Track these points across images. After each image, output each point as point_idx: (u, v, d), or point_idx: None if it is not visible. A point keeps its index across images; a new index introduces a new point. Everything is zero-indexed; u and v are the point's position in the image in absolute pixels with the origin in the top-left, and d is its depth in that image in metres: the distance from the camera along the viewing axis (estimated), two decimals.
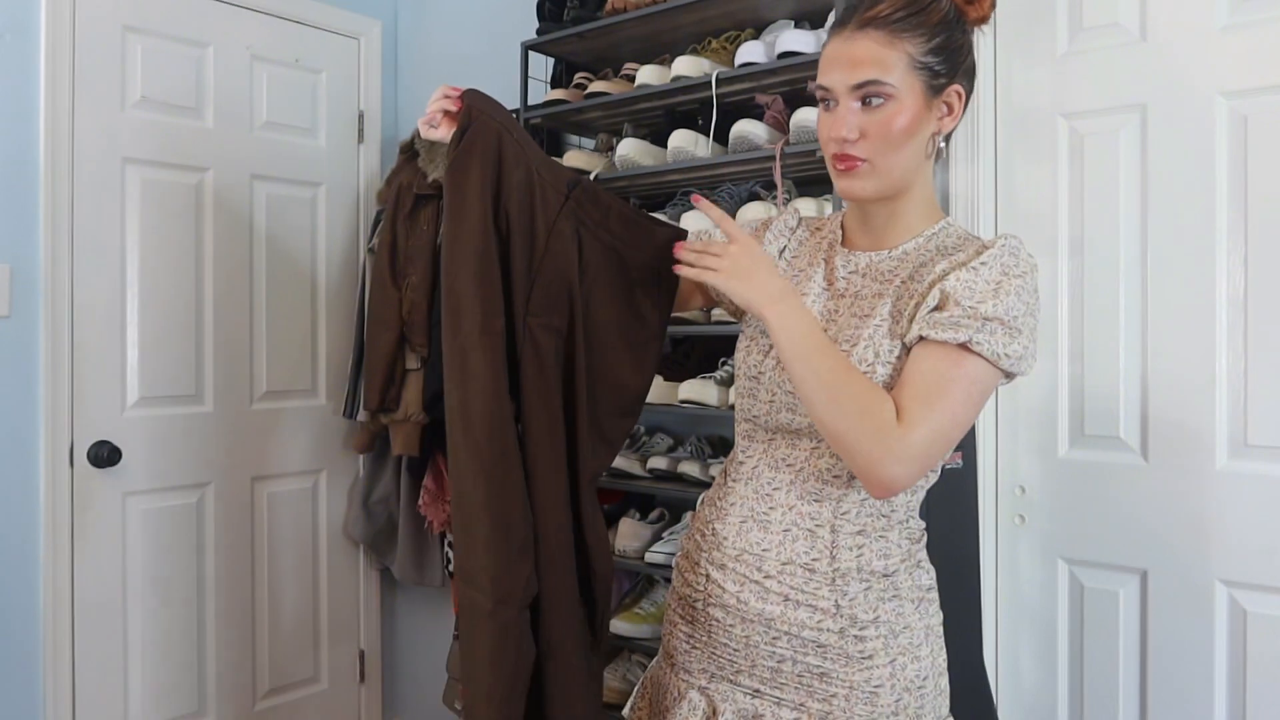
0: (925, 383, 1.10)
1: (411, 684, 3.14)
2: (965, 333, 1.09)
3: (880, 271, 1.24)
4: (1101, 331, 1.93)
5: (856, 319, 1.21)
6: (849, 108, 1.17)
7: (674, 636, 1.35)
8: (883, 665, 1.20)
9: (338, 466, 3.02)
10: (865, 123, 1.16)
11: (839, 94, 1.17)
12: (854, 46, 1.16)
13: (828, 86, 1.19)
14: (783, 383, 1.25)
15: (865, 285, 1.24)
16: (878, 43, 1.15)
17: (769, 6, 2.12)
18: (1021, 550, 2.03)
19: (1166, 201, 1.85)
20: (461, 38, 3.01)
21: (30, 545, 2.37)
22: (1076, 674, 1.96)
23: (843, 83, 1.16)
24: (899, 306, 1.18)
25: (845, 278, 1.26)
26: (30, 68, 2.37)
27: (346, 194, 3.05)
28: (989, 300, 1.10)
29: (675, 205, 2.19)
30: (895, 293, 1.20)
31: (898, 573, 1.23)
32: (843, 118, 1.17)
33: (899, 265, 1.23)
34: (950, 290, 1.12)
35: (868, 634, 1.21)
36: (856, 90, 1.16)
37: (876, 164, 1.18)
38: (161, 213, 2.60)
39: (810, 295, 1.27)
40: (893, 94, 1.15)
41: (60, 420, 2.40)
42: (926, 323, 1.12)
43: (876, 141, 1.16)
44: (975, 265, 1.13)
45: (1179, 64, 1.84)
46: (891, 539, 1.24)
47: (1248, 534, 1.76)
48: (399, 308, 2.65)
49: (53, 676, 2.40)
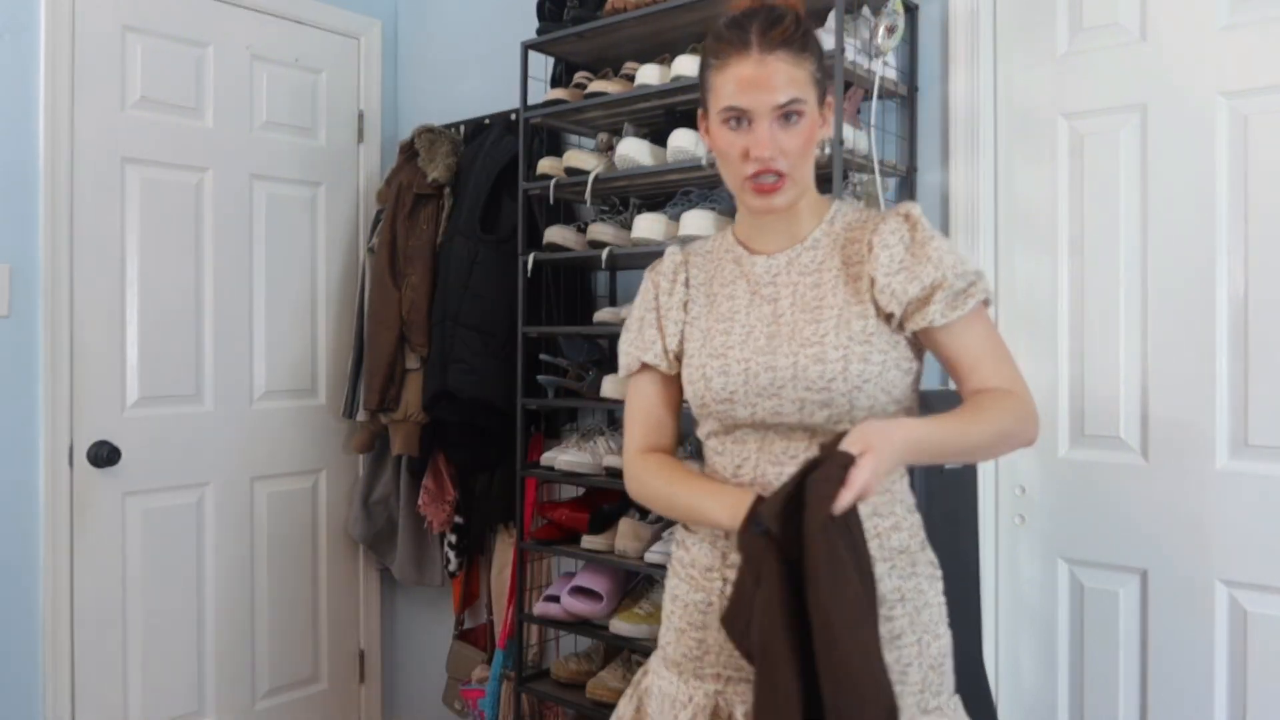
0: (987, 350, 1.24)
1: (411, 684, 3.14)
2: (972, 300, 1.22)
3: (804, 264, 1.31)
4: (1101, 331, 1.93)
5: (808, 312, 1.27)
6: (770, 127, 1.22)
7: (682, 644, 1.34)
8: (910, 644, 1.24)
9: (337, 466, 3.02)
10: (785, 140, 1.22)
11: (759, 115, 1.21)
12: (769, 67, 1.20)
13: (746, 107, 1.22)
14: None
15: (798, 280, 1.30)
16: (789, 63, 1.21)
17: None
18: (1021, 550, 2.03)
19: (1166, 201, 1.85)
20: (461, 38, 3.01)
21: (30, 545, 2.37)
22: (1076, 674, 1.96)
23: (765, 103, 1.21)
24: (855, 287, 1.26)
25: (771, 281, 1.31)
26: (30, 68, 2.37)
27: (346, 194, 3.05)
28: (948, 263, 1.23)
29: (675, 205, 2.19)
30: (837, 278, 1.27)
31: (913, 549, 1.28)
32: (764, 137, 1.21)
33: (819, 253, 1.30)
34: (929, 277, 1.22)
35: (895, 613, 1.24)
36: (779, 109, 1.21)
37: (795, 177, 1.25)
38: (161, 213, 2.60)
39: (739, 307, 1.32)
40: (805, 110, 1.23)
41: (60, 420, 2.40)
42: (939, 312, 1.21)
43: (794, 156, 1.23)
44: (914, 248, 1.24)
45: (1179, 64, 1.84)
46: (899, 514, 1.28)
47: (1248, 534, 1.76)
48: (399, 307, 2.65)
49: (52, 676, 2.40)
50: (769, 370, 1.26)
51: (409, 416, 2.66)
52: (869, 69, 1.97)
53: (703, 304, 1.37)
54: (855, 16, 1.98)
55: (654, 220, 2.15)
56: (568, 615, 2.30)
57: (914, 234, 1.25)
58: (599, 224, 2.32)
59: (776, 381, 1.25)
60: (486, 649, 2.80)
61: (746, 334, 1.29)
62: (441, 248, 2.63)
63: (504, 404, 2.50)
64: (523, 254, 2.42)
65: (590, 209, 2.55)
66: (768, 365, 1.26)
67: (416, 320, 2.62)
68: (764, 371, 1.26)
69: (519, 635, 2.47)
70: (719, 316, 1.33)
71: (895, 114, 2.12)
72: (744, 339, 1.29)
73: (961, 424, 1.19)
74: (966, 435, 1.19)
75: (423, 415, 2.63)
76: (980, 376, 1.24)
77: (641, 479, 1.38)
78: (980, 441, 1.20)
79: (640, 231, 2.15)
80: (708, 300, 1.36)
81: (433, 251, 2.65)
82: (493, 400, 2.51)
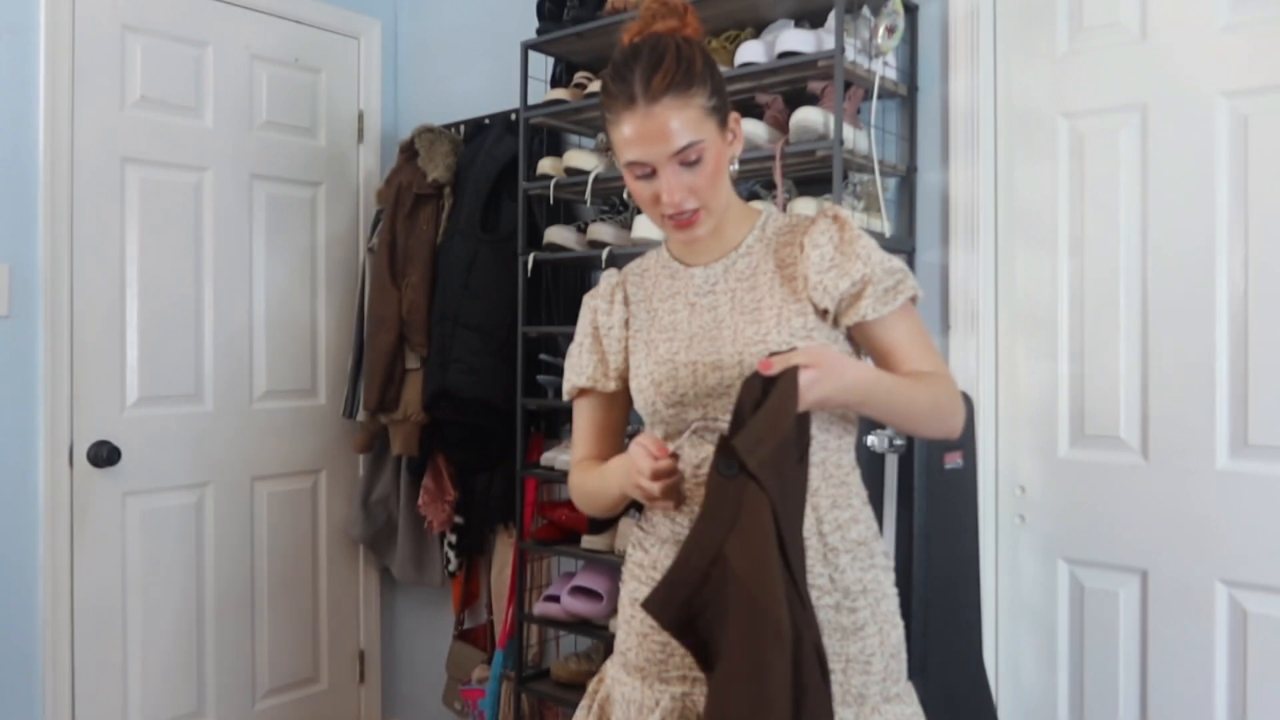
0: (918, 343, 1.30)
1: (411, 684, 3.14)
2: (902, 296, 1.27)
3: (739, 270, 1.34)
4: (1101, 331, 1.93)
5: (748, 314, 1.30)
6: (673, 172, 1.24)
7: (645, 648, 1.33)
8: (873, 635, 1.27)
9: (337, 466, 3.02)
10: (690, 181, 1.25)
11: (659, 163, 1.24)
12: (657, 119, 1.22)
13: (646, 160, 1.24)
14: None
15: (735, 285, 1.33)
16: (675, 108, 1.22)
17: (769, 6, 2.11)
18: (1021, 550, 2.03)
19: (1166, 201, 1.85)
20: (461, 37, 3.01)
21: (30, 545, 2.37)
22: (1076, 674, 1.96)
23: (662, 154, 1.23)
24: (791, 287, 1.30)
25: (709, 290, 1.35)
26: (30, 68, 2.37)
27: (346, 194, 3.05)
28: (875, 260, 1.27)
29: None
30: (773, 280, 1.31)
31: (869, 540, 1.31)
32: (672, 184, 1.24)
33: (754, 258, 1.34)
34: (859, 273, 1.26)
35: (858, 604, 1.27)
36: (677, 156, 1.23)
37: (710, 207, 1.28)
38: (161, 213, 2.60)
39: (681, 319, 1.35)
40: (705, 148, 1.24)
41: (60, 420, 2.40)
42: (870, 306, 1.26)
43: (704, 192, 1.26)
44: (843, 246, 1.28)
45: (1179, 64, 1.84)
46: (856, 506, 1.32)
47: (1248, 534, 1.76)
48: (399, 307, 2.65)
49: (52, 676, 2.40)
50: (716, 370, 1.29)
51: (409, 416, 2.66)
52: (869, 69, 1.97)
53: (644, 318, 1.40)
54: (855, 16, 1.98)
55: None
56: (568, 615, 2.30)
57: (842, 233, 1.29)
58: (599, 224, 2.32)
59: (725, 380, 1.28)
60: (486, 649, 2.80)
61: (689, 339, 1.33)
62: (441, 248, 2.63)
63: (504, 404, 2.50)
64: (523, 254, 2.42)
65: (590, 209, 2.55)
66: (714, 365, 1.29)
67: (416, 320, 2.62)
68: (711, 372, 1.29)
69: (519, 635, 2.47)
70: (661, 328, 1.37)
71: (895, 114, 2.12)
72: (688, 344, 1.33)
73: (904, 384, 1.24)
74: (907, 395, 1.24)
75: (422, 415, 2.63)
76: (913, 365, 1.29)
77: (575, 484, 1.44)
78: (915, 407, 1.25)
79: (640, 231, 2.15)
80: (649, 315, 1.39)
81: (432, 251, 2.65)
82: (492, 400, 2.51)
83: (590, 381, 1.42)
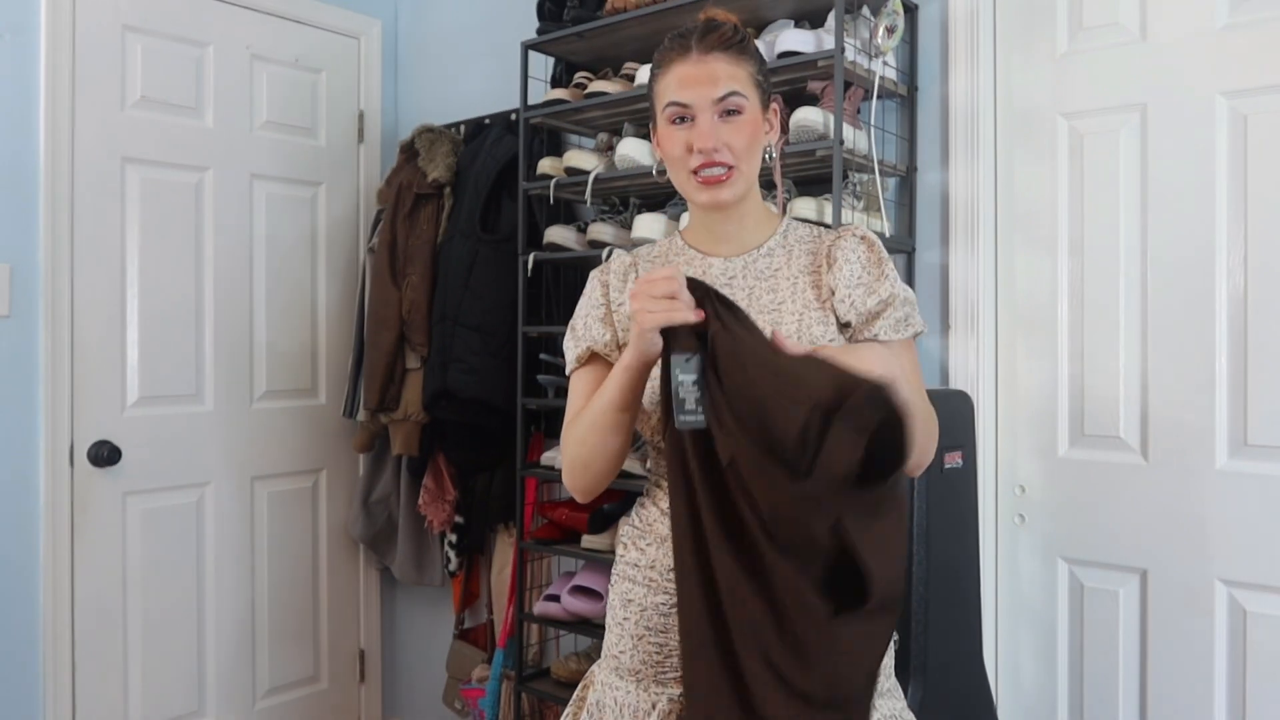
0: (912, 376, 1.30)
1: (411, 684, 3.14)
2: (911, 329, 1.31)
3: (759, 270, 1.35)
4: (1101, 331, 1.93)
5: (765, 314, 1.31)
6: (711, 120, 1.27)
7: (640, 650, 1.32)
8: None
9: (338, 466, 3.02)
10: (726, 133, 1.27)
11: (700, 108, 1.27)
12: (708, 66, 1.27)
13: (688, 102, 1.27)
14: None
15: (754, 284, 1.34)
16: (727, 62, 1.28)
17: (769, 6, 2.12)
18: (1021, 550, 2.03)
19: (1166, 201, 1.85)
20: (461, 37, 3.01)
21: (30, 544, 2.37)
22: (1076, 674, 1.96)
23: (706, 97, 1.26)
24: (815, 294, 1.32)
25: (726, 283, 1.34)
26: (30, 68, 2.37)
27: (346, 194, 3.05)
28: (899, 286, 1.31)
29: (675, 205, 2.19)
30: (794, 286, 1.32)
31: None
32: (707, 130, 1.26)
33: (775, 260, 1.35)
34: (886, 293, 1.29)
35: None
36: (719, 103, 1.27)
37: (741, 169, 1.29)
38: (161, 212, 2.60)
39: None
40: (745, 105, 1.28)
41: (60, 420, 2.40)
42: (885, 328, 1.30)
43: (738, 150, 1.28)
44: (872, 267, 1.31)
45: (1179, 64, 1.84)
46: None
47: (1247, 534, 1.76)
48: (399, 307, 2.65)
49: (52, 676, 2.40)
50: None
51: (409, 416, 2.66)
52: (869, 69, 1.97)
53: None
54: (855, 16, 1.98)
55: (654, 220, 2.15)
56: (568, 614, 2.30)
57: (872, 254, 1.32)
58: (599, 224, 2.32)
59: None
60: (486, 648, 2.81)
61: None
62: (441, 247, 2.63)
63: (504, 404, 2.50)
64: (523, 254, 2.42)
65: (590, 209, 2.55)
66: None
67: (416, 320, 2.62)
68: None
69: (519, 635, 2.47)
70: None
71: (895, 114, 2.12)
72: None
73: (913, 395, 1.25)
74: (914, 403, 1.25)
75: (423, 415, 2.63)
76: None
77: (568, 436, 1.35)
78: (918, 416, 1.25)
79: (640, 231, 2.15)
80: None
81: (433, 251, 2.65)
82: (493, 400, 2.51)
83: (603, 347, 1.37)
